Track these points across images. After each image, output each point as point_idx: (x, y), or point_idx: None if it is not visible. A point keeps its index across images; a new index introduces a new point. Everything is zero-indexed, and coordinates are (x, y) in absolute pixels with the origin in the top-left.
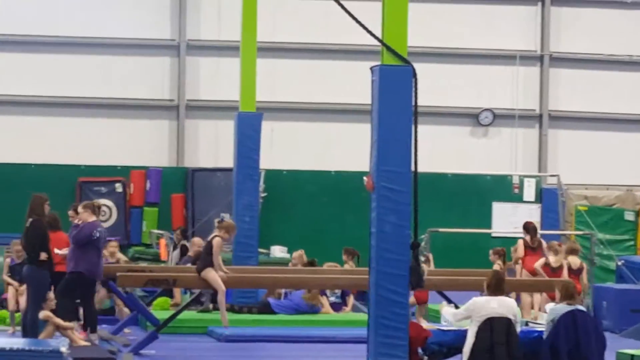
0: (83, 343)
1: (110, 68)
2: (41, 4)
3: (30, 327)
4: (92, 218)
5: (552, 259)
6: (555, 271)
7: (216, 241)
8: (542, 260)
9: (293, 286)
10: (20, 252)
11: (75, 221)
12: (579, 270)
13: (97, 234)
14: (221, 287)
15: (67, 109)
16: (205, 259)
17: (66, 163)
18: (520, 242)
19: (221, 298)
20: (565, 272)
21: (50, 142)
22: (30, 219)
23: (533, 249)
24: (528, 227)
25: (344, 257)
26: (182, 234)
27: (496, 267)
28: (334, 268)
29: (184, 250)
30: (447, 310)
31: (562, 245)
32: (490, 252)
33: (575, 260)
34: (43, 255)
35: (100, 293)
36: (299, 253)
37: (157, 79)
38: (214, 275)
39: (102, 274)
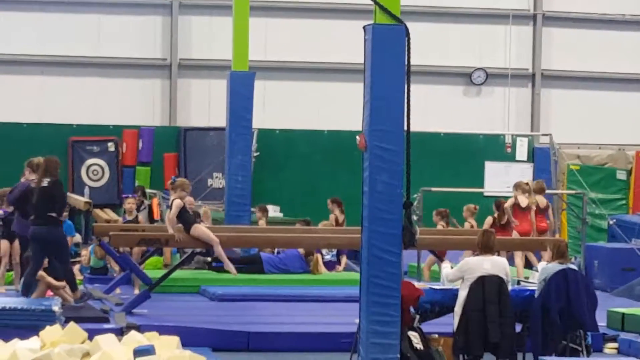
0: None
1: (102, 27)
2: None
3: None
4: (32, 177)
5: (521, 199)
6: (523, 210)
7: (175, 203)
8: (511, 200)
9: (286, 245)
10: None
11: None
12: (545, 208)
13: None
14: (214, 240)
15: (59, 68)
16: (188, 218)
17: (58, 122)
18: (489, 219)
19: (218, 250)
20: (533, 212)
21: (42, 101)
22: (48, 179)
23: (502, 225)
24: (498, 205)
25: (330, 207)
26: (143, 195)
27: (439, 227)
28: (328, 227)
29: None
30: (445, 266)
31: (529, 185)
32: (434, 213)
33: (542, 200)
34: (64, 215)
35: None
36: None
37: (150, 38)
38: (203, 231)
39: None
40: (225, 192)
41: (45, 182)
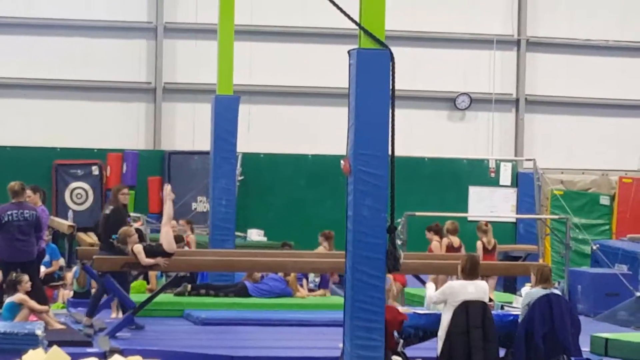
0: (59, 326)
1: (87, 50)
2: None
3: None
4: (12, 201)
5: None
6: (489, 252)
7: (136, 248)
8: (445, 241)
9: (270, 269)
10: None
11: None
12: (459, 248)
13: (6, 218)
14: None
15: (43, 91)
16: (154, 251)
17: (42, 145)
18: (437, 244)
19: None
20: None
21: (26, 124)
22: (111, 207)
23: (455, 249)
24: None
25: (320, 240)
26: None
27: (435, 244)
28: (311, 252)
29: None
30: (429, 286)
31: (488, 225)
32: (426, 230)
33: (456, 240)
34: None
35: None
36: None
37: (134, 62)
38: (165, 235)
39: (24, 257)
40: (209, 216)
41: (107, 210)
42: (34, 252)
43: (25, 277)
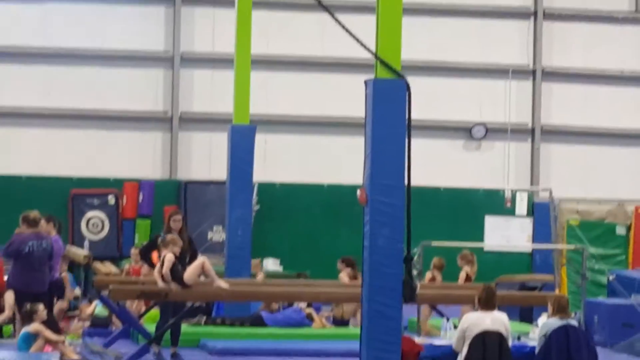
0: (74, 356)
1: (103, 80)
2: (34, 15)
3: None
4: (28, 231)
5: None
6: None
7: (168, 257)
8: (428, 275)
9: (286, 299)
10: None
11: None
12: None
13: (27, 249)
14: (200, 265)
15: (59, 120)
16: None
17: (58, 175)
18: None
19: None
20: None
21: (42, 154)
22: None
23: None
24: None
25: (339, 267)
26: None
27: (464, 272)
28: (327, 281)
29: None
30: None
31: (473, 255)
32: (458, 257)
33: (439, 278)
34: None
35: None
36: (255, 262)
37: (151, 91)
38: (191, 268)
39: (40, 287)
40: (225, 246)
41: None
42: (47, 282)
43: (41, 307)
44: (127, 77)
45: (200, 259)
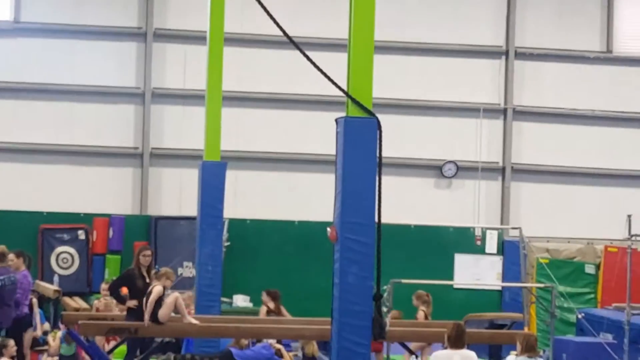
0: None
1: (74, 115)
2: (5, 49)
3: None
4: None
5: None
6: None
7: (156, 289)
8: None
9: (256, 335)
10: None
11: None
12: None
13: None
14: (172, 301)
15: (29, 155)
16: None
17: (28, 209)
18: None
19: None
20: None
21: (11, 188)
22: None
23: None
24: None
25: (263, 299)
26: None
27: (420, 312)
28: (297, 319)
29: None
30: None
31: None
32: (414, 296)
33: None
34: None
35: None
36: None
37: (122, 127)
38: (164, 310)
39: (7, 322)
40: (195, 282)
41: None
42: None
43: (11, 342)
44: (98, 113)
45: (174, 295)
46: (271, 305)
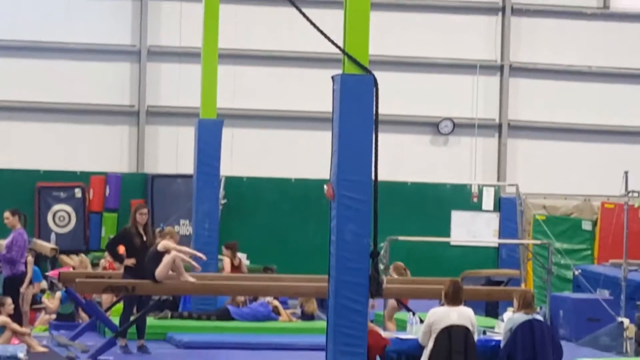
0: (41, 349)
1: (70, 73)
2: (1, 8)
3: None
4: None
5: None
6: None
7: (164, 243)
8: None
9: (252, 293)
10: None
11: None
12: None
13: None
14: (171, 258)
15: (26, 113)
16: (152, 267)
17: (25, 168)
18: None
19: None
20: None
21: (8, 147)
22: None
23: (236, 267)
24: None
25: (224, 252)
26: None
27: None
28: (294, 276)
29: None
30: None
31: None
32: (391, 267)
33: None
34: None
35: None
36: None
37: (118, 85)
38: (162, 268)
39: None
40: (192, 240)
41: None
42: None
43: (9, 300)
44: (94, 71)
45: (172, 254)
46: (234, 259)
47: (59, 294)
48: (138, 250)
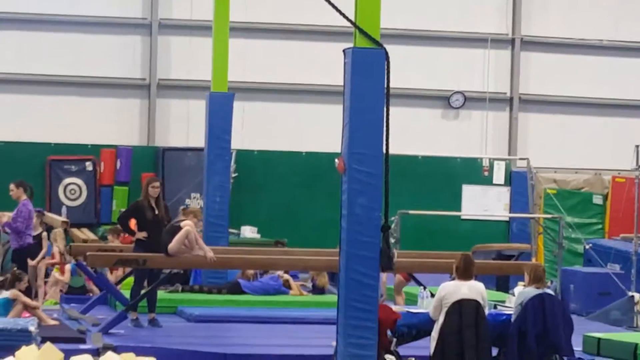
0: (52, 322)
1: (81, 46)
2: None
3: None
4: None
5: None
6: None
7: (187, 223)
8: None
9: (263, 267)
10: None
11: None
12: None
13: None
14: (185, 234)
15: (37, 86)
16: (166, 239)
17: (36, 141)
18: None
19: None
20: None
21: (20, 120)
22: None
23: None
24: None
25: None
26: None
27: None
28: (305, 250)
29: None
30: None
31: None
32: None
33: None
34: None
35: None
36: None
37: (129, 58)
38: (175, 244)
39: None
40: (203, 213)
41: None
42: None
43: (25, 277)
44: (105, 44)
45: (186, 228)
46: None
47: (68, 266)
48: (150, 224)
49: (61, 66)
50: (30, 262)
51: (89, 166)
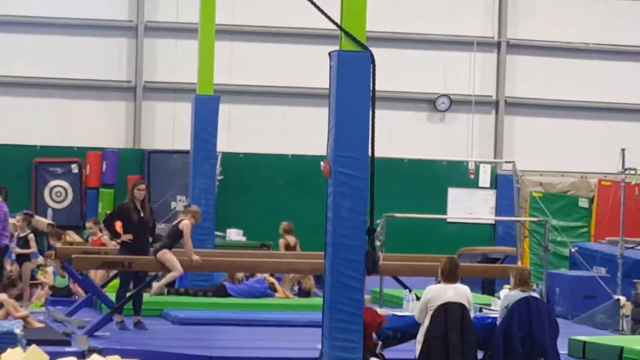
0: (37, 325)
1: (67, 48)
2: None
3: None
4: None
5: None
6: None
7: (185, 224)
8: (281, 241)
9: (249, 270)
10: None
11: None
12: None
13: None
14: (178, 268)
15: (23, 88)
16: (164, 242)
17: (21, 143)
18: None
19: (173, 276)
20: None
21: (5, 122)
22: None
23: (292, 248)
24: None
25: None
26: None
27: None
28: (290, 253)
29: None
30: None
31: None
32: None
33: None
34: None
35: None
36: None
37: (115, 60)
38: (170, 257)
39: None
40: None
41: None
42: None
43: (20, 284)
44: (91, 46)
45: (187, 228)
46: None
47: (50, 268)
48: (135, 226)
49: (47, 68)
50: (29, 266)
51: (74, 168)
